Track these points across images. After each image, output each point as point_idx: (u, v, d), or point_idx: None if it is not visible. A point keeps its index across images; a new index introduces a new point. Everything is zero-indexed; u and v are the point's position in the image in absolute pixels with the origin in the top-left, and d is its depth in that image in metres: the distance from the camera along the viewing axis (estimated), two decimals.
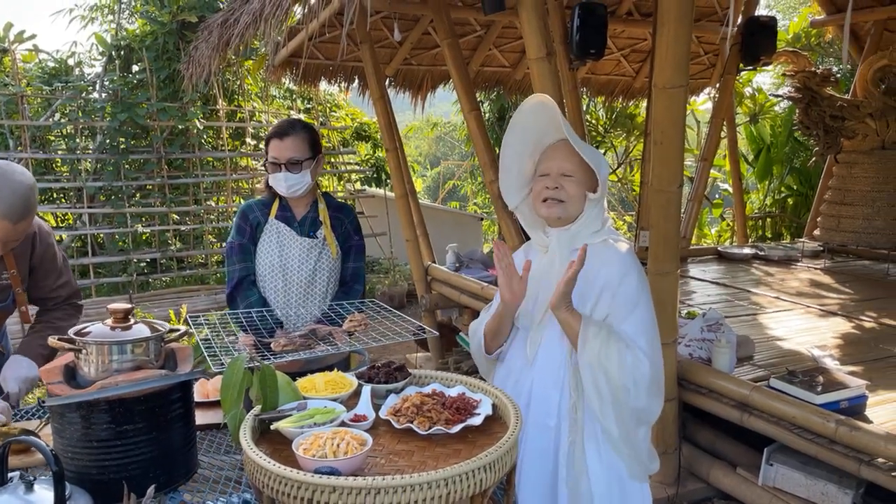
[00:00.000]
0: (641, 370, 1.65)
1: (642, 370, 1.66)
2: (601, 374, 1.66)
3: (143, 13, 7.93)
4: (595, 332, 1.67)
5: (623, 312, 1.73)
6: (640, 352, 1.67)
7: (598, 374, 1.66)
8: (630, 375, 1.65)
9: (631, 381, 1.65)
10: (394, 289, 7.96)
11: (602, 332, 1.67)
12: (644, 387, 1.67)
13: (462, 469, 1.20)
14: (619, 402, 1.67)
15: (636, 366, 1.65)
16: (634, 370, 1.65)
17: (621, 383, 1.65)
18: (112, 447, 1.48)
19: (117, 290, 7.46)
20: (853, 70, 7.08)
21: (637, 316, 1.73)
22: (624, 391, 1.66)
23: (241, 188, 8.51)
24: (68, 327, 1.69)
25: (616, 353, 1.65)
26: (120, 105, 7.35)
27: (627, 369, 1.65)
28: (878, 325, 4.07)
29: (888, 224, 5.45)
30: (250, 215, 2.46)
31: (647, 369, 1.66)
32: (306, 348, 1.82)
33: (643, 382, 1.66)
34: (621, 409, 1.68)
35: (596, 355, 1.65)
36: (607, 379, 1.66)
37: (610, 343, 1.66)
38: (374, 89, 5.34)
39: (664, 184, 2.79)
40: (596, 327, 1.68)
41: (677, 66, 2.60)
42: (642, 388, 1.66)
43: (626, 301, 1.74)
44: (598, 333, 1.67)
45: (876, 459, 2.42)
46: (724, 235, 9.87)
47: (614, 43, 6.94)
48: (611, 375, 1.65)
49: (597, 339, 1.66)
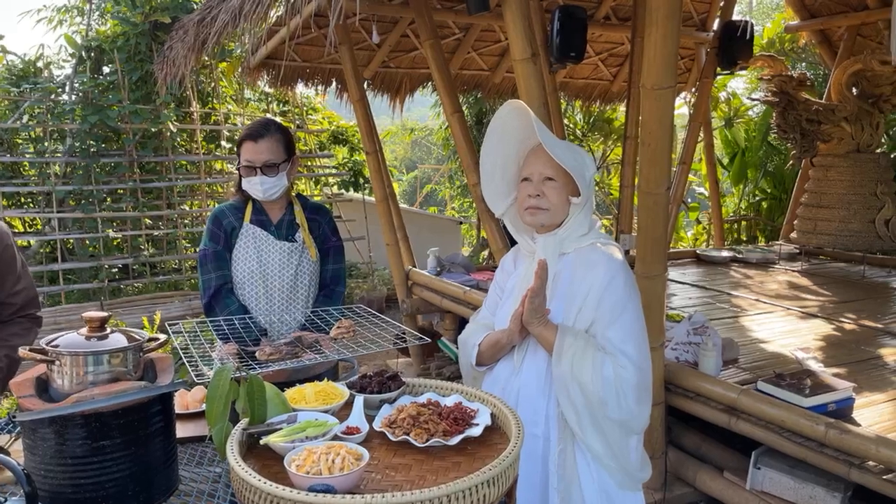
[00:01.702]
0: (624, 378, 1.62)
1: (625, 378, 1.62)
2: (575, 386, 1.62)
3: (115, 14, 7.76)
4: (570, 342, 1.64)
5: (609, 317, 1.69)
6: (624, 358, 1.63)
7: (571, 388, 1.63)
8: (610, 387, 1.61)
9: (611, 393, 1.61)
10: (373, 294, 7.88)
11: (578, 343, 1.64)
12: (629, 395, 1.63)
13: (465, 484, 1.14)
14: (595, 417, 1.63)
15: (618, 375, 1.61)
16: (616, 380, 1.61)
17: (597, 396, 1.61)
18: (88, 464, 1.40)
19: (88, 297, 7.27)
20: (827, 74, 7.18)
21: (624, 321, 1.70)
22: (600, 404, 1.62)
23: (215, 192, 8.36)
24: (25, 344, 1.60)
25: (591, 365, 1.61)
26: (90, 107, 7.17)
27: (607, 380, 1.61)
28: (857, 326, 4.10)
29: (864, 227, 5.51)
30: (223, 221, 2.38)
31: (632, 376, 1.63)
32: (293, 357, 1.75)
33: (627, 391, 1.62)
34: (600, 423, 1.64)
35: (569, 369, 1.62)
36: (582, 392, 1.62)
37: (585, 354, 1.62)
38: (354, 92, 5.27)
39: (652, 185, 2.76)
40: (572, 338, 1.65)
41: (665, 67, 2.57)
42: (627, 397, 1.62)
43: (613, 306, 1.71)
44: (574, 344, 1.63)
45: (866, 463, 2.41)
46: (700, 239, 9.95)
47: (592, 47, 6.96)
48: (585, 388, 1.61)
49: (570, 350, 1.63)
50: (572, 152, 1.78)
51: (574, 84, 7.60)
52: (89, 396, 1.41)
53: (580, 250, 1.79)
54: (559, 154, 1.71)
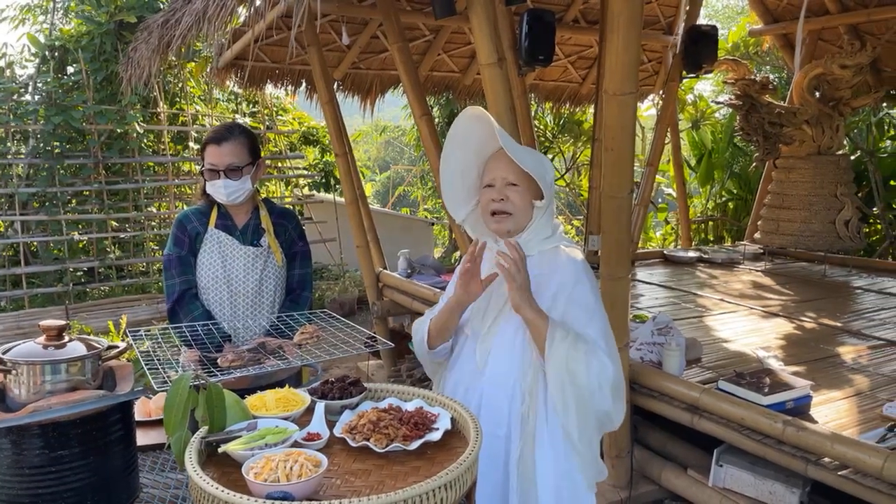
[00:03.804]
0: (607, 373, 1.65)
1: (607, 373, 1.66)
2: (568, 376, 1.65)
3: (79, 13, 7.62)
4: (563, 334, 1.66)
5: (585, 318, 1.73)
6: (603, 355, 1.67)
7: (564, 377, 1.65)
8: (596, 378, 1.65)
9: (597, 384, 1.65)
10: (344, 295, 7.85)
11: (570, 335, 1.67)
12: (609, 390, 1.67)
13: (422, 489, 1.16)
14: (584, 405, 1.66)
15: (602, 369, 1.65)
16: (601, 373, 1.65)
17: (588, 386, 1.65)
18: (46, 474, 1.39)
19: (52, 301, 7.14)
20: (790, 78, 7.33)
21: (597, 321, 1.74)
22: (590, 393, 1.65)
23: (183, 193, 8.26)
24: None
25: (584, 356, 1.64)
26: (54, 108, 7.04)
27: (594, 372, 1.64)
28: (817, 325, 4.20)
29: (825, 227, 5.65)
30: (188, 225, 2.36)
31: (612, 373, 1.67)
32: (255, 363, 1.75)
33: (608, 385, 1.66)
34: (586, 412, 1.68)
35: (564, 357, 1.64)
36: (574, 381, 1.65)
37: (578, 345, 1.65)
38: (323, 93, 5.25)
39: (615, 190, 2.81)
40: (563, 330, 1.68)
41: (627, 74, 2.61)
42: (607, 391, 1.66)
43: (586, 306, 1.74)
44: (566, 336, 1.66)
45: (822, 459, 2.48)
46: (668, 239, 10.10)
47: (561, 50, 7.02)
48: (578, 378, 1.64)
49: (565, 341, 1.65)
50: (533, 157, 1.80)
51: (544, 86, 7.66)
52: (46, 406, 1.40)
53: (544, 253, 1.82)
54: (521, 158, 1.73)
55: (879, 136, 7.98)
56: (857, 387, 3.16)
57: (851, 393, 3.08)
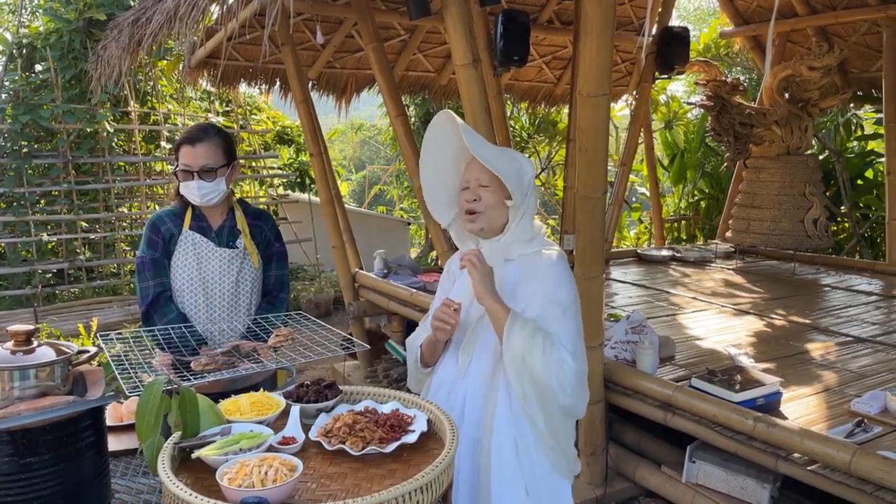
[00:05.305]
0: (565, 368, 1.66)
1: (566, 369, 1.66)
2: (523, 366, 1.66)
3: (48, 10, 7.48)
4: (521, 325, 1.67)
5: (553, 316, 1.73)
6: (565, 352, 1.67)
7: (521, 366, 1.66)
8: (554, 374, 1.65)
9: (555, 380, 1.65)
10: (320, 296, 7.81)
11: (528, 326, 1.67)
12: (569, 388, 1.67)
13: (398, 491, 1.16)
14: (543, 394, 1.67)
15: (560, 364, 1.65)
16: (559, 368, 1.65)
17: (545, 379, 1.65)
18: (15, 482, 1.37)
19: (20, 303, 7.00)
20: (760, 79, 7.46)
21: (567, 324, 1.74)
22: (547, 386, 1.66)
23: (155, 194, 8.15)
24: None
25: (541, 348, 1.64)
26: (22, 106, 6.91)
27: (552, 367, 1.64)
28: (787, 322, 4.28)
29: (794, 226, 5.75)
30: (162, 227, 2.33)
31: (572, 375, 1.66)
32: (229, 367, 1.73)
33: (568, 384, 1.66)
34: (548, 402, 1.68)
35: (520, 347, 1.65)
36: (529, 371, 1.65)
37: (536, 337, 1.65)
38: (297, 93, 5.22)
39: (589, 190, 2.83)
40: (522, 321, 1.68)
41: (600, 76, 2.64)
42: (567, 388, 1.66)
43: (560, 308, 1.74)
44: (524, 327, 1.67)
45: (792, 455, 2.53)
46: (642, 237, 10.20)
47: (536, 50, 7.06)
48: (534, 368, 1.65)
49: (522, 331, 1.66)
50: (505, 157, 1.79)
51: (519, 86, 7.69)
52: (15, 412, 1.37)
53: (525, 257, 1.81)
54: (488, 159, 1.74)
55: (846, 136, 8.15)
56: (826, 383, 3.22)
57: (820, 389, 3.14)
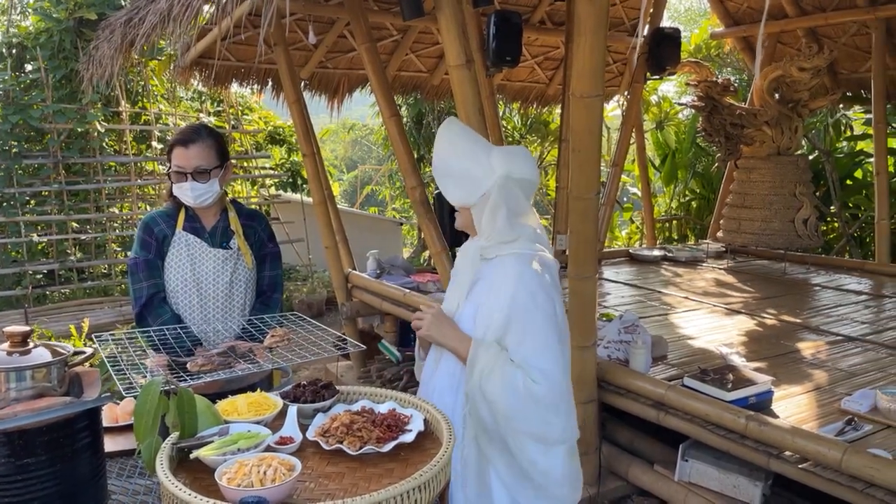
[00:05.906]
0: (535, 391, 1.61)
1: (536, 391, 1.61)
2: (483, 402, 1.63)
3: (38, 9, 7.44)
4: (482, 356, 1.64)
5: (520, 335, 1.67)
6: (537, 373, 1.62)
7: (481, 404, 1.63)
8: (519, 400, 1.61)
9: (519, 407, 1.61)
10: (312, 296, 7.80)
11: (488, 357, 1.64)
12: (540, 409, 1.62)
13: (396, 491, 1.17)
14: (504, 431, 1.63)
15: (528, 388, 1.60)
16: (526, 393, 1.60)
17: (505, 411, 1.61)
18: (11, 483, 1.37)
19: (11, 305, 6.96)
20: (750, 80, 7.50)
21: (535, 335, 1.67)
22: (507, 419, 1.62)
23: (146, 194, 8.12)
24: None
25: (500, 380, 1.61)
26: (12, 106, 6.87)
27: (516, 393, 1.60)
28: (778, 321, 4.31)
29: (784, 226, 5.79)
30: (155, 228, 2.32)
31: (546, 391, 1.62)
32: (225, 367, 1.74)
33: (538, 404, 1.62)
34: (509, 438, 1.63)
35: (478, 383, 1.63)
36: (490, 407, 1.63)
37: (494, 369, 1.62)
38: (290, 93, 5.21)
39: (582, 191, 2.85)
40: (483, 351, 1.65)
41: (593, 77, 2.65)
42: (539, 410, 1.62)
43: (522, 322, 1.68)
44: (484, 358, 1.64)
45: (784, 453, 2.55)
46: (633, 237, 10.24)
47: (528, 51, 7.07)
48: (494, 404, 1.62)
49: (480, 364, 1.63)
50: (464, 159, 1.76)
51: (512, 87, 7.71)
52: (12, 414, 1.37)
53: (502, 258, 1.76)
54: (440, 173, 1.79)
55: (836, 136, 8.21)
56: (817, 381, 3.25)
57: (811, 388, 3.17)
